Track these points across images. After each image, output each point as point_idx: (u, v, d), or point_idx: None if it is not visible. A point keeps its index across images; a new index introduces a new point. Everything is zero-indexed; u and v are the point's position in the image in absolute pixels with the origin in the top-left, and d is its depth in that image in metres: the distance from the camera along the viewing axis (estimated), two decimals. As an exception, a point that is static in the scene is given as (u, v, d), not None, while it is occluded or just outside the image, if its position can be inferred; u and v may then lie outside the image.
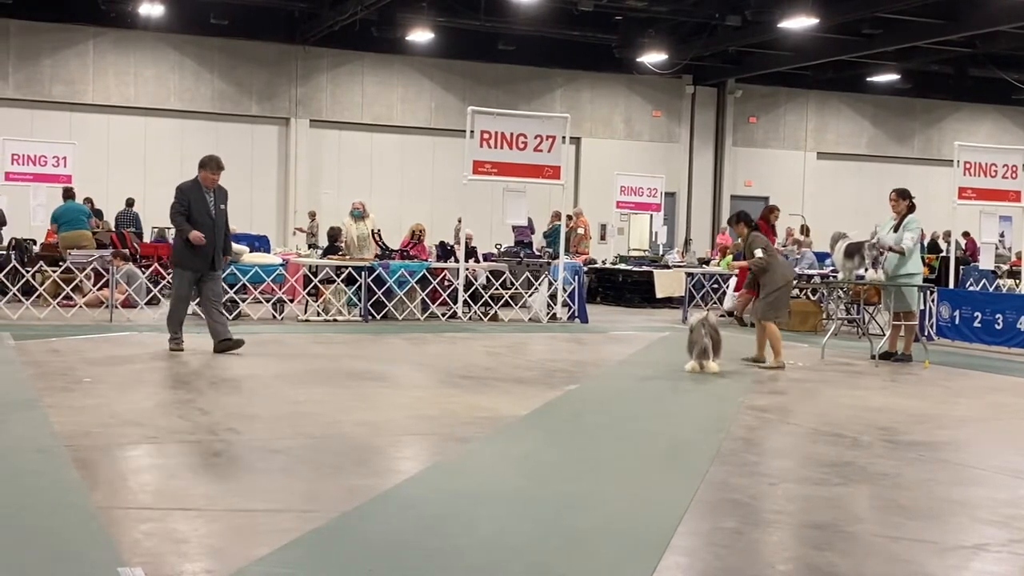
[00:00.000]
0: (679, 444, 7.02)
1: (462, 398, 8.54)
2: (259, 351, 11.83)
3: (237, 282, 15.31)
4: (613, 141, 30.04)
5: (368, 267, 15.63)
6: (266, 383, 9.13)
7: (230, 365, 10.31)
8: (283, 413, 7.61)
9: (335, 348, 12.26)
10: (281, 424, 7.17)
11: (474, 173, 16.32)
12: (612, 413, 8.48)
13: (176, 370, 9.82)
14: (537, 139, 16.38)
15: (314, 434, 6.84)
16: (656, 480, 5.93)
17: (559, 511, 5.12)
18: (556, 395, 8.81)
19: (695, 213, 31.73)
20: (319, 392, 8.68)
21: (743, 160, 32.10)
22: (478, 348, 12.55)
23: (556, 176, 16.62)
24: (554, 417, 7.89)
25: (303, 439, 6.67)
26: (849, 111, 33.00)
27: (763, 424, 7.86)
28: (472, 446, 6.63)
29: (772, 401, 8.88)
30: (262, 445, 6.44)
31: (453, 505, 5.17)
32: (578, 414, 8.12)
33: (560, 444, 6.95)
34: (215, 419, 7.27)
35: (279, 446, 6.41)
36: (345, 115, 28.29)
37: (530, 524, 4.90)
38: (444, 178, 27.75)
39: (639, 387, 9.60)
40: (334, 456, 6.21)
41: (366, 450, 6.46)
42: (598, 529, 4.83)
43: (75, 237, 17.53)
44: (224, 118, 27.38)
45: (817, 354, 12.34)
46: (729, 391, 9.42)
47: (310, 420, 7.34)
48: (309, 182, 28.06)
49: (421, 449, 6.74)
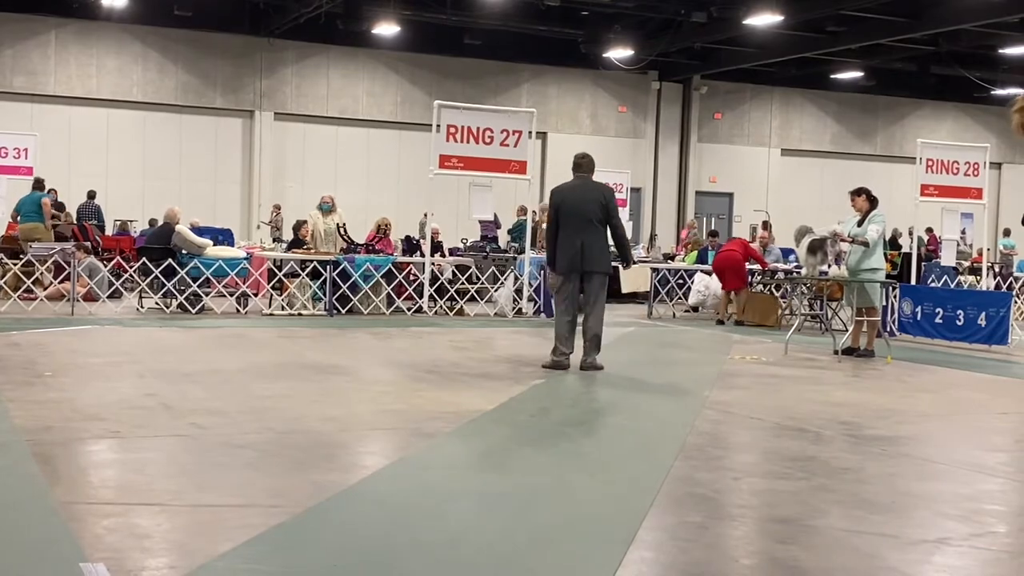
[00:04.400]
0: (644, 439, 7.04)
1: (428, 393, 8.52)
2: (223, 345, 11.74)
3: (200, 276, 15.20)
4: (579, 136, 30.05)
5: (333, 261, 15.57)
6: (230, 377, 9.07)
7: (194, 360, 10.23)
8: (248, 408, 7.57)
9: (300, 343, 12.20)
10: (246, 419, 7.12)
11: (440, 167, 16.29)
12: (578, 408, 8.50)
13: (139, 364, 9.73)
14: (503, 134, 16.37)
15: (279, 429, 6.80)
16: (622, 474, 5.94)
17: (525, 505, 5.12)
18: (522, 390, 8.81)
19: (661, 208, 31.84)
20: (284, 387, 8.63)
21: (708, 156, 32.24)
22: (444, 343, 12.54)
23: (522, 171, 16.62)
24: (520, 412, 7.89)
25: (268, 434, 6.63)
26: (813, 108, 33.23)
27: (727, 419, 7.90)
28: (438, 441, 6.61)
29: (736, 396, 8.92)
30: (226, 440, 6.40)
31: (419, 500, 5.16)
32: (544, 409, 8.13)
33: (526, 439, 6.96)
34: (179, 413, 7.21)
35: (244, 441, 6.37)
36: (310, 108, 28.12)
37: (496, 519, 4.90)
38: (410, 172, 27.67)
39: (604, 382, 9.62)
40: (299, 451, 6.18)
41: (331, 445, 6.43)
42: (564, 523, 4.84)
43: (27, 230, 17.36)
44: (188, 110, 27.14)
45: (781, 349, 12.43)
46: (694, 386, 9.46)
47: (275, 415, 7.30)
48: (274, 175, 27.89)
49: (387, 444, 6.73)
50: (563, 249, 10.06)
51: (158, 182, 26.63)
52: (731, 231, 30.62)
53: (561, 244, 10.08)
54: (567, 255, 10.03)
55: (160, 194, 25.38)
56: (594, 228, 10.06)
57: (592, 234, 10.04)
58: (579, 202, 10.08)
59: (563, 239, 10.06)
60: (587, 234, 10.02)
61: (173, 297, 15.15)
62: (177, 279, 15.09)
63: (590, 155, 10.46)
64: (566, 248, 10.02)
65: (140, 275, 15.49)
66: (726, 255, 16.54)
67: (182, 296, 15.03)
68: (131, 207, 25.36)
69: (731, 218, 31.97)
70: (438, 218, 18.32)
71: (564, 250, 10.05)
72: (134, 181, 26.62)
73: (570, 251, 10.00)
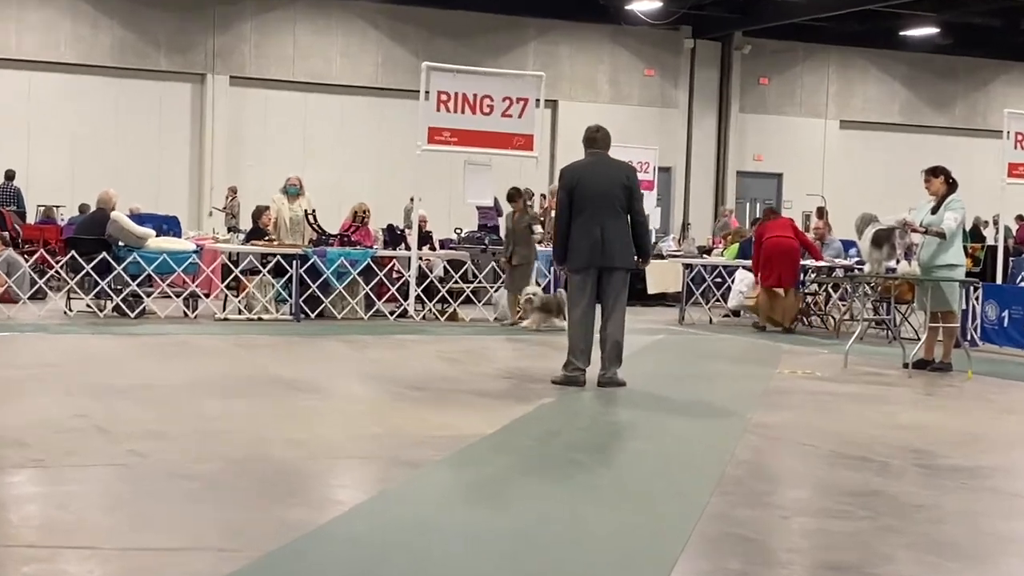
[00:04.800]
0: (674, 469, 7.05)
1: (413, 413, 8.54)
2: (168, 356, 11.75)
3: (141, 272, 15.21)
4: (596, 105, 30.06)
5: (300, 255, 15.59)
6: (176, 394, 9.09)
7: (134, 373, 10.25)
8: (197, 430, 7.58)
9: (260, 353, 12.21)
10: (194, 444, 7.14)
11: (429, 142, 16.30)
12: (594, 431, 8.50)
13: (67, 379, 9.75)
14: (506, 102, 16.37)
15: (234, 456, 6.82)
16: (646, 511, 5.94)
17: (529, 548, 5.13)
18: (527, 410, 8.82)
19: (695, 192, 31.87)
20: (241, 406, 8.65)
21: (752, 129, 32.26)
22: (433, 353, 12.54)
23: (528, 147, 16.62)
24: (524, 436, 7.90)
25: (221, 462, 6.65)
26: (878, 72, 33.25)
27: (774, 445, 7.90)
28: (425, 471, 6.63)
29: (785, 418, 8.93)
30: (171, 469, 6.42)
31: (402, 541, 5.17)
32: (553, 433, 8.14)
33: (531, 468, 6.96)
34: (114, 437, 7.23)
35: (191, 471, 6.39)
36: (273, 71, 28.16)
37: (494, 564, 4.91)
38: (393, 148, 27.66)
39: (626, 401, 9.64)
40: (258, 483, 6.20)
41: (297, 476, 6.45)
42: (576, 571, 4.84)
43: None
44: (126, 74, 27.16)
45: (839, 362, 12.43)
46: (734, 405, 9.46)
47: (229, 439, 7.32)
48: (229, 152, 27.92)
49: (364, 475, 6.75)
50: (578, 240, 10.06)
51: (90, 161, 26.66)
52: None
53: (576, 234, 10.08)
54: (584, 247, 10.03)
55: (92, 175, 25.37)
56: (616, 215, 10.06)
57: (614, 222, 10.04)
58: (599, 184, 10.08)
59: (579, 228, 10.05)
60: (608, 222, 10.01)
61: (108, 298, 15.16)
62: (113, 276, 15.10)
63: (605, 128, 10.47)
64: (582, 239, 10.02)
65: (68, 272, 15.49)
66: (777, 241, 16.21)
67: (119, 297, 15.03)
68: (58, 190, 25.39)
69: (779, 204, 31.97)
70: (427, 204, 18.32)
71: (580, 241, 10.05)
72: (61, 159, 26.66)
73: (587, 243, 9.99)
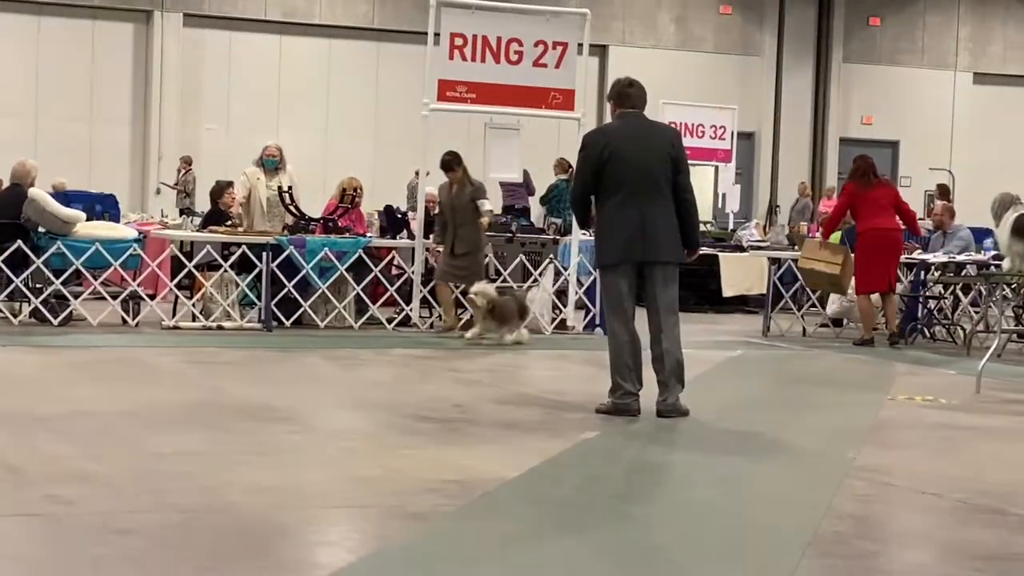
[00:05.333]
0: (755, 525, 7.02)
1: (418, 451, 8.53)
2: (101, 375, 11.79)
3: (67, 267, 15.24)
4: (657, 52, 30.08)
5: (272, 245, 15.57)
6: (111, 425, 9.10)
7: (56, 397, 10.27)
8: (138, 472, 7.59)
9: (220, 371, 12.24)
10: (134, 489, 7.14)
11: (439, 100, 16.29)
12: (649, 476, 8.49)
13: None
14: (539, 48, 16.34)
15: (185, 505, 6.81)
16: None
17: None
18: (563, 448, 8.81)
19: (784, 164, 31.78)
20: (194, 440, 8.65)
21: (859, 84, 32.17)
22: (444, 373, 12.57)
23: (568, 105, 16.59)
24: (559, 482, 7.89)
25: (168, 513, 6.64)
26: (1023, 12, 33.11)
27: (884, 494, 7.86)
28: (433, 525, 6.62)
29: (899, 458, 8.88)
30: (104, 522, 6.41)
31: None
32: (596, 478, 8.12)
33: (569, 523, 6.93)
34: (29, 479, 7.24)
35: (130, 523, 6.38)
36: (239, 8, 28.27)
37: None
38: (393, 107, 27.72)
39: (692, 435, 9.62)
40: (216, 540, 6.19)
41: (266, 531, 6.43)
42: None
43: None
44: (49, 10, 27.31)
45: (969, 385, 12.37)
46: (833, 443, 9.43)
47: (179, 483, 7.32)
48: (183, 111, 28.03)
49: (352, 530, 6.74)
50: (610, 228, 10.04)
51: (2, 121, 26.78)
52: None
53: (607, 221, 10.07)
54: (618, 237, 10.01)
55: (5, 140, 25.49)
56: (660, 194, 10.07)
57: (658, 204, 10.04)
58: (637, 155, 10.06)
59: (611, 213, 10.03)
60: (650, 204, 10.01)
61: (24, 300, 15.22)
62: (31, 272, 15.13)
63: (640, 83, 10.46)
64: (616, 226, 9.99)
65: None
66: (881, 237, 16.02)
67: (38, 299, 15.07)
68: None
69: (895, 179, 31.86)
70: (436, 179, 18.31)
71: (613, 230, 10.03)
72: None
73: (624, 231, 9.96)
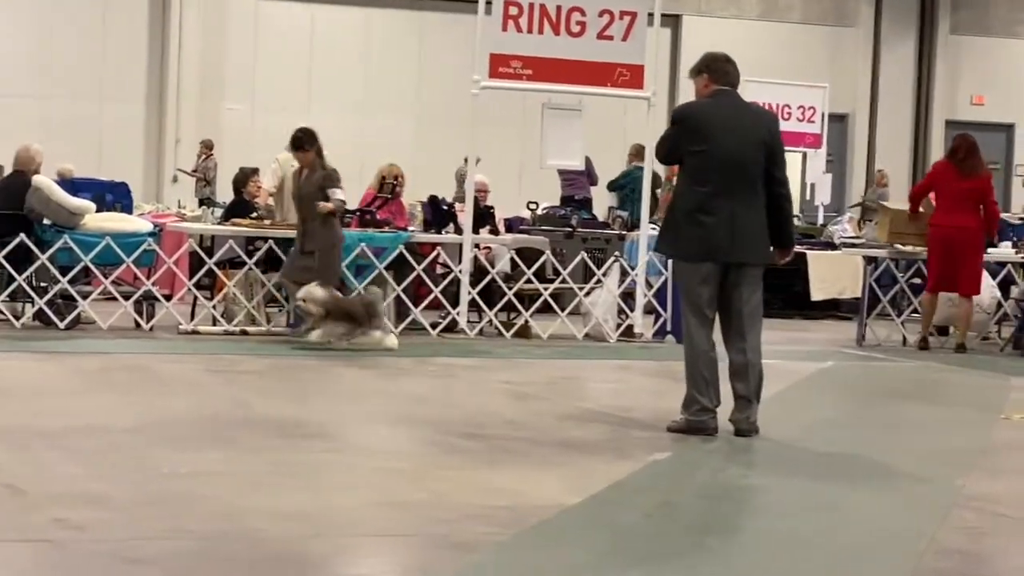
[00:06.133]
0: (847, 560, 7.00)
1: (464, 473, 8.56)
2: (112, 385, 11.86)
3: (75, 263, 15.30)
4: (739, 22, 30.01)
5: (303, 240, 15.62)
6: (122, 442, 9.14)
7: (63, 410, 10.33)
8: (152, 494, 7.62)
9: (244, 382, 12.30)
10: (147, 513, 7.17)
11: (491, 76, 16.28)
12: (728, 503, 8.48)
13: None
14: (604, 17, 16.32)
15: (204, 531, 6.85)
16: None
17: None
18: (630, 470, 8.82)
19: (883, 151, 31.61)
20: (213, 459, 8.70)
21: (969, 58, 31.96)
22: (494, 385, 12.59)
23: (636, 83, 16.57)
24: (626, 508, 7.89)
25: (184, 541, 6.67)
26: None
27: (998, 526, 7.82)
28: (481, 558, 6.63)
29: (1012, 485, 8.84)
30: (115, 550, 6.44)
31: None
32: (669, 505, 8.13)
33: (636, 557, 6.94)
34: (35, 502, 7.28)
35: (144, 552, 6.42)
36: (267, -27, 28.41)
37: None
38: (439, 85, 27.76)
39: (775, 458, 9.61)
40: (237, 572, 6.22)
41: (294, 561, 6.46)
42: None
43: None
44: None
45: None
46: (936, 467, 9.39)
47: (197, 507, 7.35)
48: (202, 88, 28.12)
49: (392, 561, 6.76)
50: (695, 220, 10.02)
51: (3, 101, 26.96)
52: (1008, 194, 30.33)
53: (692, 211, 10.07)
54: (704, 231, 9.99)
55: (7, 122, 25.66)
56: (753, 188, 10.09)
57: (750, 199, 10.06)
58: (733, 141, 10.07)
59: (699, 203, 10.02)
60: (742, 198, 10.02)
61: (27, 300, 15.30)
62: (34, 270, 15.21)
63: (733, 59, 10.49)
64: (703, 219, 9.99)
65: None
66: (950, 234, 15.94)
67: (42, 299, 15.15)
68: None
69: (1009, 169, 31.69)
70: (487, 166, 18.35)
71: (698, 222, 10.01)
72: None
73: (711, 225, 9.95)
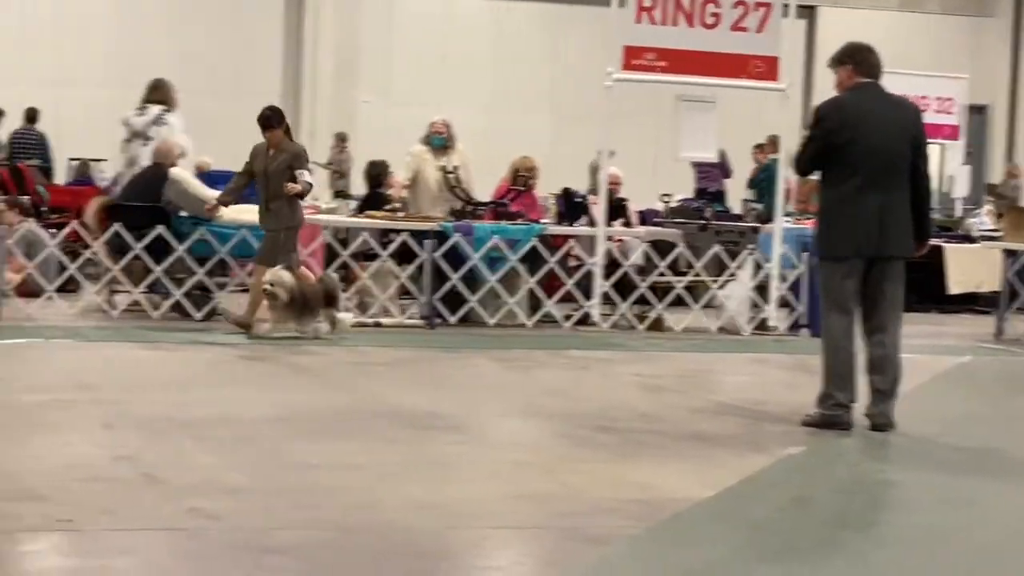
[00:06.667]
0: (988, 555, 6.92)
1: (597, 466, 8.55)
2: (246, 377, 11.96)
3: (212, 255, 15.42)
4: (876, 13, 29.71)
5: (436, 232, 15.64)
6: (257, 432, 9.22)
7: (197, 400, 10.44)
8: (286, 484, 7.68)
9: (378, 373, 12.35)
10: (283, 503, 7.23)
11: (625, 69, 16.24)
12: (865, 498, 8.41)
13: (106, 406, 9.97)
14: (738, 8, 16.24)
15: (339, 522, 6.89)
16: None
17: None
18: (764, 464, 8.78)
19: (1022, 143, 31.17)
20: (347, 449, 8.76)
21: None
22: (627, 378, 12.57)
23: (771, 75, 16.46)
24: (761, 503, 7.86)
25: (320, 530, 6.71)
26: None
27: None
28: (614, 551, 6.62)
29: None
30: (251, 539, 6.49)
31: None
32: (804, 499, 8.09)
33: (772, 550, 6.89)
34: (171, 492, 7.34)
35: (279, 541, 6.46)
36: (402, -34, 28.52)
37: None
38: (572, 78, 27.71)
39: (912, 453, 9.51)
40: (373, 563, 6.24)
41: (428, 554, 6.47)
42: None
43: None
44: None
45: None
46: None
47: (332, 497, 7.40)
48: (337, 83, 28.26)
49: (524, 554, 6.76)
50: (843, 216, 9.95)
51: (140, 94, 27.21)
52: None
53: (839, 207, 10.00)
54: (852, 227, 9.92)
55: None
56: (900, 181, 9.99)
57: (897, 192, 9.97)
58: (880, 135, 9.99)
59: (847, 197, 9.94)
60: (889, 192, 9.93)
61: (164, 292, 15.43)
62: (172, 261, 15.30)
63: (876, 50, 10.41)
64: (852, 214, 9.91)
65: (110, 254, 15.71)
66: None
67: (180, 290, 15.29)
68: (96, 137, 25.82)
69: None
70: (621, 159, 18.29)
71: (847, 218, 9.93)
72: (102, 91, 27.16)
73: (860, 220, 9.87)
